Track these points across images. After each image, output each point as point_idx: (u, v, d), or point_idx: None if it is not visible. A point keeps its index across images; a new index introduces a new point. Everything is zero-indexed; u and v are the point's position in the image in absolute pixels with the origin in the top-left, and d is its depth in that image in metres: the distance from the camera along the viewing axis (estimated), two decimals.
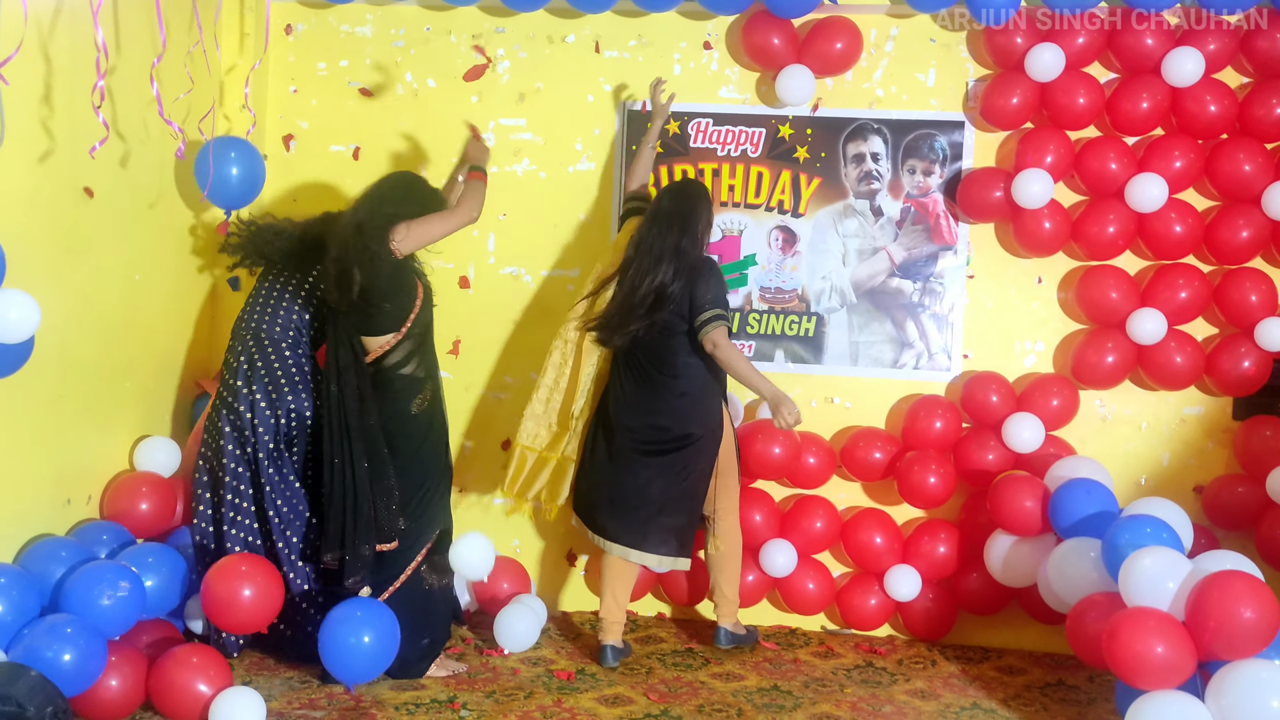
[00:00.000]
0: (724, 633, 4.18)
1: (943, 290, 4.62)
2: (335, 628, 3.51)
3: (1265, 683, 3.08)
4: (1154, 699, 3.18)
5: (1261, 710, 3.06)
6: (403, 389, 3.82)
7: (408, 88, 4.83)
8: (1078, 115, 4.36)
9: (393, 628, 3.58)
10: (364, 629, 3.51)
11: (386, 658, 3.58)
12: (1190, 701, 3.15)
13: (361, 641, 3.50)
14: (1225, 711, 3.10)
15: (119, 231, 3.97)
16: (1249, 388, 4.33)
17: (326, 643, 3.51)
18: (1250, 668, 3.12)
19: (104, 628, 3.23)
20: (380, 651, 3.54)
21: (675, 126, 4.71)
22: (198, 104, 4.35)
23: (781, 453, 4.36)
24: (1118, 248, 4.39)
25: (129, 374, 4.08)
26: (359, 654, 3.50)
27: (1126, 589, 3.37)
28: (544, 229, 4.78)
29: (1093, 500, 3.85)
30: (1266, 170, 4.25)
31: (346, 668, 3.51)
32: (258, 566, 3.57)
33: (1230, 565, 3.33)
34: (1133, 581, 3.35)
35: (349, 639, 3.50)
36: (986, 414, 4.43)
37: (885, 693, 3.89)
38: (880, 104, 4.63)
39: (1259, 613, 3.12)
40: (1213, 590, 3.18)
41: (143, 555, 3.61)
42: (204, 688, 3.29)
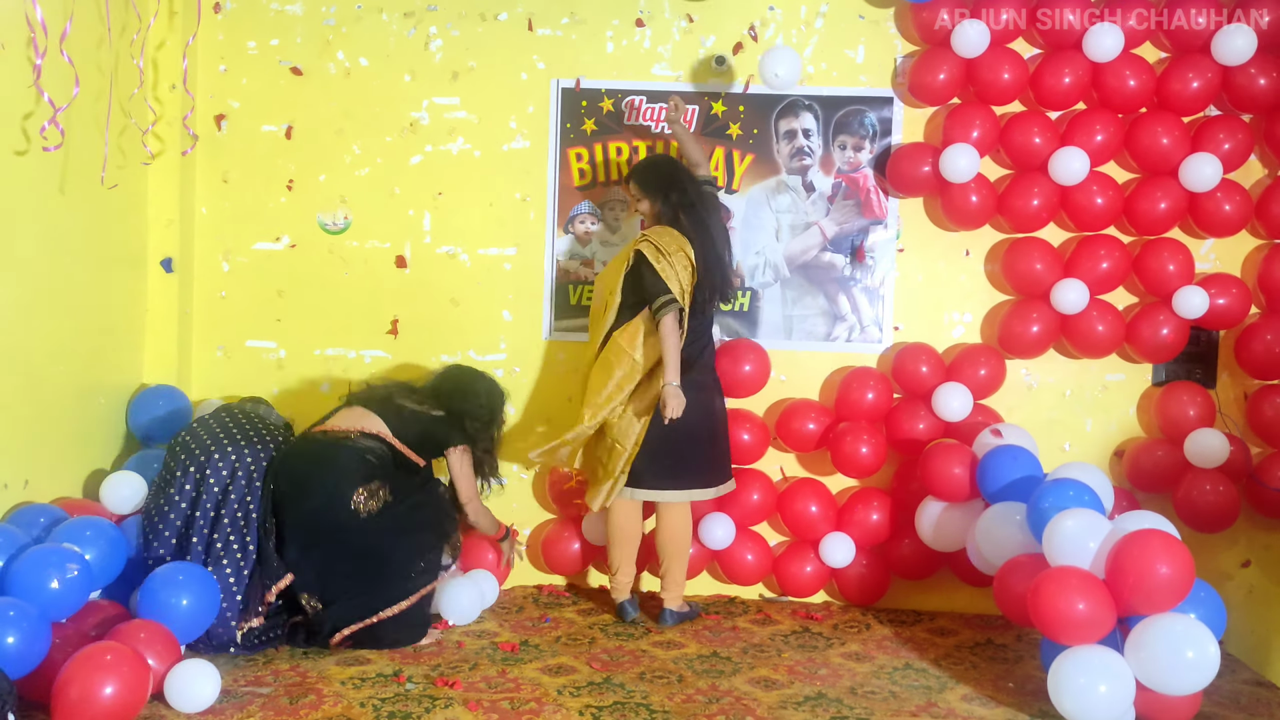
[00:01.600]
0: (669, 614, 4.28)
1: (874, 263, 4.71)
2: (157, 590, 3.54)
3: (1180, 635, 3.23)
4: (1076, 653, 3.32)
5: (1178, 661, 3.21)
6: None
7: (340, 66, 4.80)
8: (1002, 91, 4.46)
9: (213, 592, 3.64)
10: (184, 592, 3.55)
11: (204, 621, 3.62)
12: (1110, 654, 3.29)
13: (180, 604, 3.53)
14: (1144, 663, 3.24)
15: (46, 214, 3.91)
16: (1167, 354, 4.48)
17: (146, 603, 3.52)
18: (1166, 621, 3.27)
19: (51, 611, 3.22)
20: (200, 613, 3.58)
21: (609, 104, 4.73)
22: (128, 85, 4.30)
23: None
24: (1042, 220, 4.51)
25: (61, 357, 4.03)
26: (178, 614, 3.52)
27: (1050, 549, 3.50)
28: (480, 208, 4.79)
29: (1018, 466, 3.97)
30: (1183, 143, 4.38)
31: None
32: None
33: (1148, 525, 3.47)
34: (1055, 542, 3.48)
35: (170, 600, 3.52)
36: (917, 384, 4.54)
37: (821, 656, 4.00)
38: (811, 80, 4.70)
39: (1174, 569, 3.26)
40: (1131, 548, 3.31)
41: (80, 530, 3.59)
42: (152, 663, 3.27)
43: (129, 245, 4.50)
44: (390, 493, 3.97)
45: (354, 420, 4.06)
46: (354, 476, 3.90)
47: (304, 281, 4.83)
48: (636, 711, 3.40)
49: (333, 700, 3.43)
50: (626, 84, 4.73)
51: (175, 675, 3.30)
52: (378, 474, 3.95)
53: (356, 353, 4.83)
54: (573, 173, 4.76)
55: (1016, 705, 3.54)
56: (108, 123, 4.16)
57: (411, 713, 3.34)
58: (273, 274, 4.83)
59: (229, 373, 4.82)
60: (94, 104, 4.11)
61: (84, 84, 3.95)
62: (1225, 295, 4.39)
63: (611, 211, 4.76)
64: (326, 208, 4.82)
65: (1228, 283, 4.43)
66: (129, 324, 4.53)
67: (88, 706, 2.96)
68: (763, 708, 3.46)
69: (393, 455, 4.07)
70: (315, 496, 3.88)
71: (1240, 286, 4.44)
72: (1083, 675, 3.26)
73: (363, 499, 3.89)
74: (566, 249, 4.78)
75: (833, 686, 3.68)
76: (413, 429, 4.10)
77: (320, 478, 3.90)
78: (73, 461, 4.12)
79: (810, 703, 3.52)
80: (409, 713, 3.34)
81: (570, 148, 4.76)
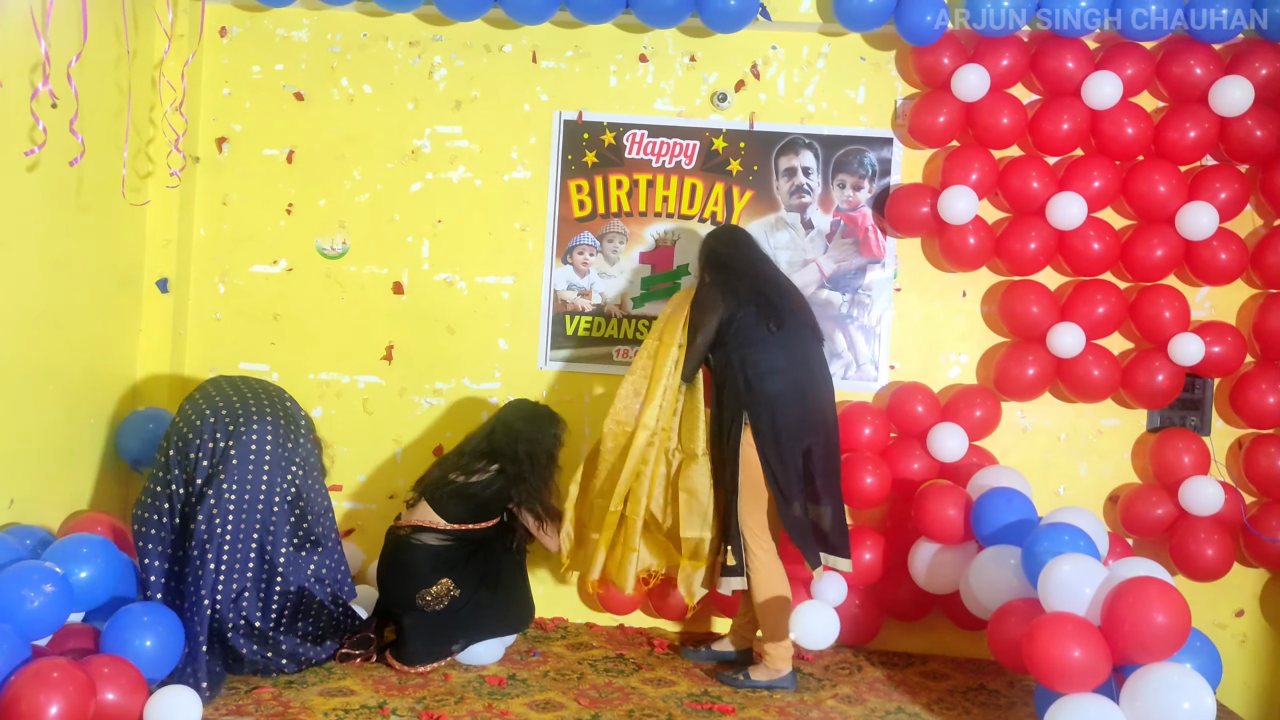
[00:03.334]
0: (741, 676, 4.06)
1: (870, 302, 4.72)
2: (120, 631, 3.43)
3: (1177, 685, 3.17)
4: (1071, 701, 3.27)
5: (1173, 711, 3.14)
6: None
7: (343, 93, 4.81)
8: (1001, 135, 4.49)
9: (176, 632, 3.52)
10: (148, 634, 3.43)
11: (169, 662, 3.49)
12: (1105, 704, 3.24)
13: (144, 646, 3.40)
14: (1139, 713, 3.19)
15: (44, 232, 3.89)
16: (1162, 401, 4.48)
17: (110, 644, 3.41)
18: (1163, 670, 3.22)
19: (27, 630, 3.17)
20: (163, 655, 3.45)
21: (610, 137, 4.75)
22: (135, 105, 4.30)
23: None
24: (1039, 264, 4.52)
25: (54, 375, 4.00)
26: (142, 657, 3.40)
27: (1045, 594, 3.46)
28: (479, 236, 4.79)
29: (1012, 509, 3.95)
30: (1180, 191, 4.41)
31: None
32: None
33: (1144, 572, 3.44)
34: (1051, 587, 3.44)
35: (134, 641, 3.40)
36: (912, 424, 4.53)
37: (813, 697, 3.95)
38: (811, 119, 4.72)
39: (1171, 617, 3.21)
40: (1127, 595, 3.27)
41: (75, 546, 3.52)
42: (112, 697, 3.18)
43: (125, 264, 4.49)
44: (456, 585, 4.06)
45: (412, 515, 4.16)
46: (417, 579, 4.03)
47: (300, 305, 4.81)
48: None
49: None
50: (629, 118, 4.75)
51: (155, 704, 3.25)
52: (441, 572, 4.04)
53: (350, 377, 4.81)
54: (573, 204, 4.77)
55: None
56: (126, 141, 4.17)
57: None
58: (269, 297, 4.82)
59: None
60: (102, 122, 4.10)
61: (95, 102, 3.96)
62: (1220, 343, 4.40)
63: (610, 243, 4.76)
64: (325, 232, 4.81)
65: (1223, 330, 4.44)
66: (122, 344, 4.50)
67: None
68: None
69: (455, 538, 4.11)
70: (387, 596, 4.13)
71: (1235, 335, 4.45)
72: None
73: (429, 599, 4.03)
74: (565, 279, 4.78)
75: None
76: (461, 508, 4.11)
77: (391, 581, 4.11)
78: (59, 482, 4.08)
79: None
80: None
81: (571, 179, 4.77)
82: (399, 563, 4.09)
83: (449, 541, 4.09)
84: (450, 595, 4.03)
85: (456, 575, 4.05)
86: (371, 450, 4.81)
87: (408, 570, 4.05)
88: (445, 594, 4.03)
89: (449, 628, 4.04)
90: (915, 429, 4.53)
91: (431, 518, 4.09)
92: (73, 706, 2.97)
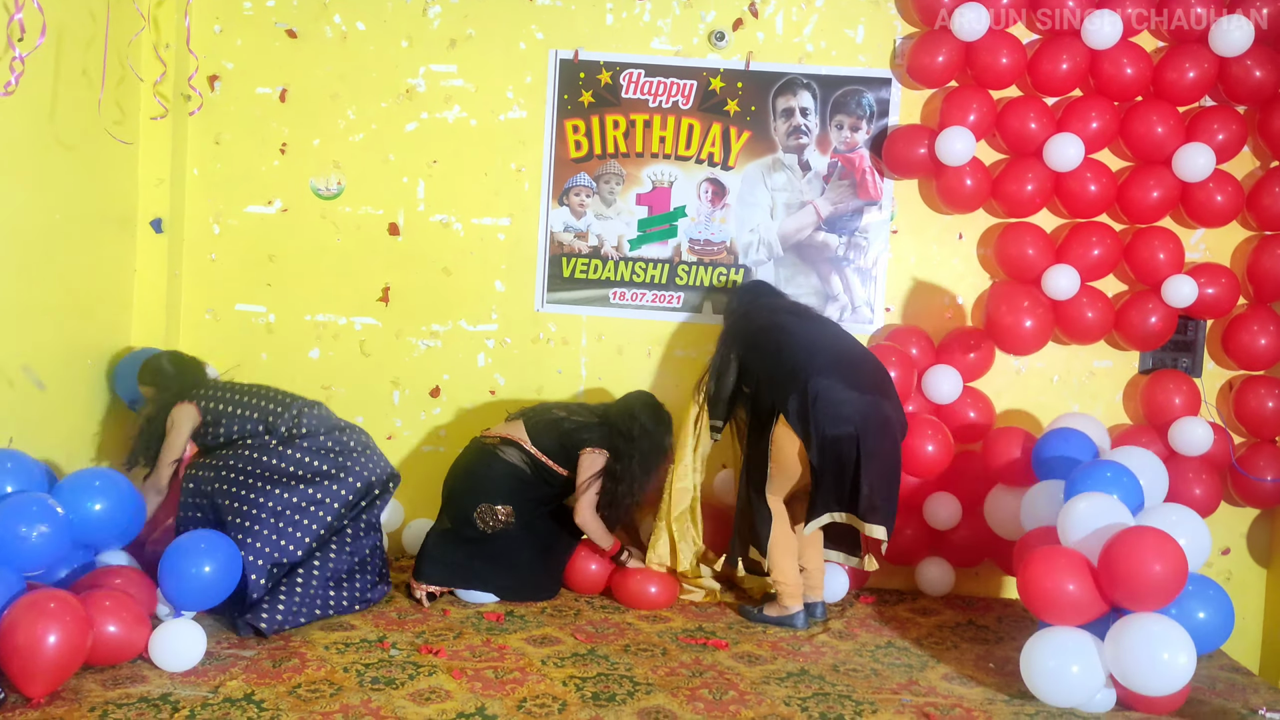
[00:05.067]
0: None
1: (867, 245, 4.72)
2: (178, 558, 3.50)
3: (1157, 635, 3.21)
4: (1052, 632, 3.36)
5: (1151, 659, 3.18)
6: None
7: (336, 30, 4.76)
8: (1000, 75, 4.46)
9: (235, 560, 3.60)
10: (205, 559, 3.51)
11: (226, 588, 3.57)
12: (1086, 638, 3.31)
13: (203, 571, 3.49)
14: (1120, 656, 3.25)
15: (36, 168, 3.87)
16: (1155, 343, 4.51)
17: (167, 571, 3.49)
18: (1147, 620, 3.25)
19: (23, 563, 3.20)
20: (219, 582, 3.53)
21: (607, 76, 4.72)
22: (121, 44, 4.25)
23: None
24: (1035, 205, 4.52)
25: (50, 315, 4.00)
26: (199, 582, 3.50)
27: (1061, 530, 3.52)
28: (475, 177, 4.77)
29: (1069, 446, 3.96)
30: (1178, 133, 4.39)
31: (185, 595, 3.50)
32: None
33: (1174, 518, 3.46)
34: (1066, 524, 3.50)
35: (190, 569, 3.49)
36: (907, 366, 4.55)
37: (805, 633, 4.02)
38: (810, 59, 4.69)
39: (1166, 567, 3.21)
40: (1124, 542, 3.29)
41: (88, 480, 3.54)
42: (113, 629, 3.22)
43: (119, 204, 4.47)
44: (514, 515, 4.11)
45: (504, 428, 4.21)
46: (486, 492, 4.10)
47: (295, 246, 4.81)
48: (620, 683, 3.41)
49: (316, 664, 3.43)
50: (625, 57, 4.71)
51: (160, 635, 3.30)
52: (506, 496, 4.09)
53: (347, 319, 4.82)
54: (569, 145, 4.74)
55: (997, 686, 3.57)
56: (103, 77, 4.11)
57: (395, 679, 3.35)
58: (264, 238, 4.81)
59: (218, 336, 4.80)
60: (84, 53, 4.05)
61: (75, 32, 3.90)
62: (1214, 285, 4.42)
63: (607, 184, 4.75)
64: (320, 173, 4.79)
65: (1217, 273, 4.46)
66: (117, 284, 4.49)
67: (33, 653, 2.95)
68: (745, 682, 3.48)
69: (533, 466, 4.15)
70: (451, 503, 4.17)
71: (1229, 277, 4.47)
72: (1052, 657, 3.31)
73: (485, 516, 4.09)
74: (561, 221, 4.77)
75: (815, 663, 3.70)
76: (550, 436, 4.15)
77: (461, 488, 4.16)
78: (57, 421, 4.10)
79: (793, 679, 3.54)
80: (392, 679, 3.35)
81: (567, 119, 4.74)
82: (474, 470, 4.15)
83: (526, 467, 4.14)
84: (506, 524, 4.09)
85: (519, 508, 4.11)
86: (369, 391, 4.83)
87: (481, 478, 4.11)
88: (503, 521, 4.08)
89: (475, 558, 4.10)
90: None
91: (521, 435, 4.15)
92: (70, 638, 3.01)
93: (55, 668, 3.00)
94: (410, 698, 3.22)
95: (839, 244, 4.72)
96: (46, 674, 2.98)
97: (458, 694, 3.26)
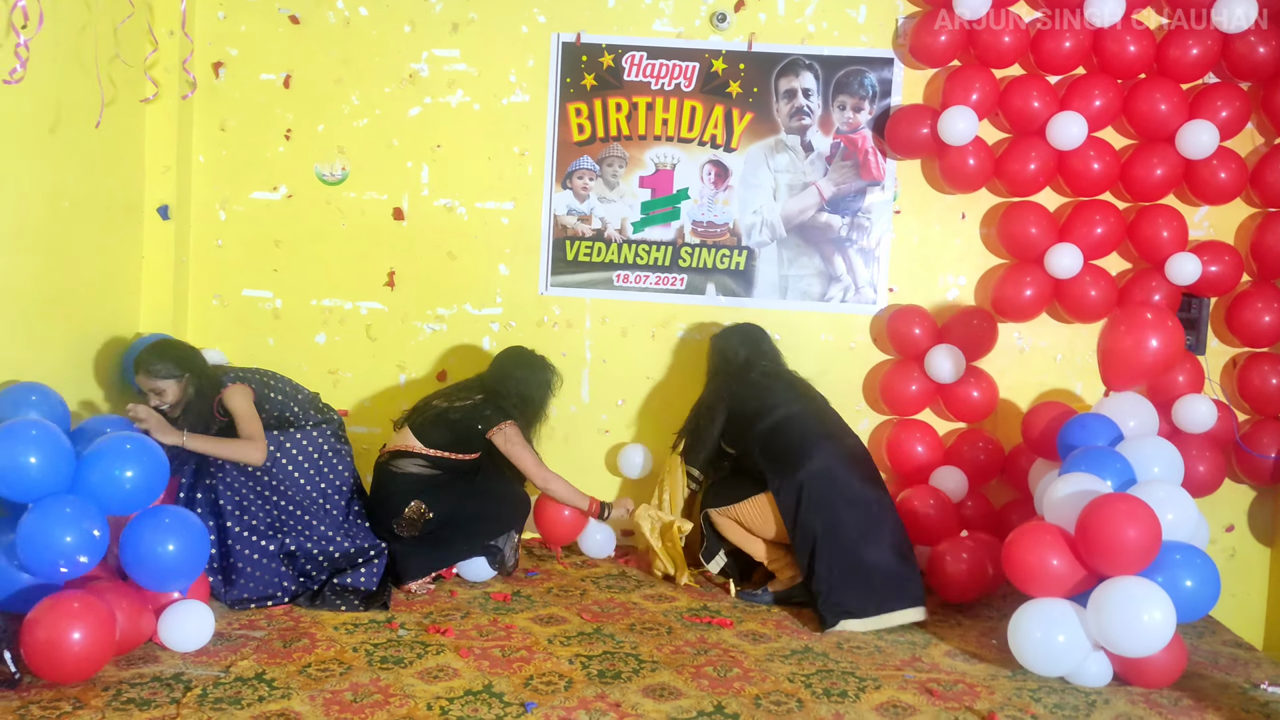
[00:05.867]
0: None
1: (870, 225, 4.73)
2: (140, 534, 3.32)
3: (1135, 596, 3.23)
4: (1036, 603, 3.42)
5: (1130, 619, 3.21)
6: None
7: (339, 15, 4.77)
8: (1003, 54, 4.46)
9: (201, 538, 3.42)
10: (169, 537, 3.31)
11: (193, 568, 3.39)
12: (1068, 607, 3.36)
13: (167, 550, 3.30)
14: (1100, 619, 3.28)
15: (42, 156, 3.90)
16: None
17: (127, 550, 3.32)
18: (1124, 581, 3.28)
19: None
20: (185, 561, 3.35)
21: (609, 59, 4.72)
22: (133, 30, 4.27)
23: None
24: (1038, 184, 4.52)
25: (59, 302, 4.03)
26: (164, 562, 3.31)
27: (1044, 506, 3.57)
28: (478, 161, 4.79)
29: (1087, 433, 3.93)
30: (1181, 110, 4.39)
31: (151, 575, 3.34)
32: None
33: (1161, 494, 3.48)
34: (1045, 502, 3.55)
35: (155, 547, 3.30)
36: (910, 346, 4.57)
37: (809, 611, 4.04)
38: (812, 39, 4.69)
39: (1140, 532, 3.25)
40: (1099, 510, 3.32)
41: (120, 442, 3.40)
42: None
43: (125, 191, 4.49)
44: (429, 507, 4.10)
45: (395, 440, 4.21)
46: (390, 508, 4.10)
47: (301, 232, 4.83)
48: (625, 661, 3.45)
49: (325, 644, 3.47)
50: (628, 39, 4.71)
51: (170, 615, 3.35)
52: (413, 495, 4.09)
53: (353, 304, 4.85)
54: (572, 128, 4.75)
55: (1000, 662, 3.60)
56: (95, 55, 4.12)
57: (403, 658, 3.39)
58: (270, 223, 4.83)
59: (225, 322, 4.83)
60: (78, 38, 4.07)
61: (70, 20, 3.92)
62: (1218, 262, 4.42)
63: (610, 167, 4.76)
64: (324, 158, 4.81)
65: (1220, 250, 4.46)
66: (125, 271, 4.52)
67: (57, 652, 2.98)
68: (750, 660, 3.52)
69: (435, 464, 4.15)
70: (374, 525, 4.13)
71: (1233, 254, 4.47)
72: (1039, 627, 3.37)
73: (403, 525, 4.09)
74: (565, 204, 4.79)
75: (819, 641, 3.73)
76: (440, 431, 4.15)
77: (374, 511, 4.14)
78: (69, 407, 4.13)
79: (797, 656, 3.58)
80: (401, 658, 3.39)
81: (570, 103, 4.75)
82: (377, 491, 4.16)
83: (429, 469, 4.14)
84: (424, 518, 4.09)
85: (429, 499, 4.10)
86: (375, 376, 4.87)
87: (383, 498, 4.12)
88: (418, 517, 4.09)
89: (437, 547, 4.11)
90: (913, 351, 4.57)
91: (410, 442, 4.14)
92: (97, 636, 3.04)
93: (84, 665, 3.03)
94: (419, 676, 3.26)
95: (842, 225, 4.73)
96: (75, 673, 3.03)
97: (465, 672, 3.30)
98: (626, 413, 4.83)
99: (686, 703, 3.15)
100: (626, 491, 4.80)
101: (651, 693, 3.21)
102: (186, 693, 3.06)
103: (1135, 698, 3.35)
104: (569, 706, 3.09)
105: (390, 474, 4.14)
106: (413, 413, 4.25)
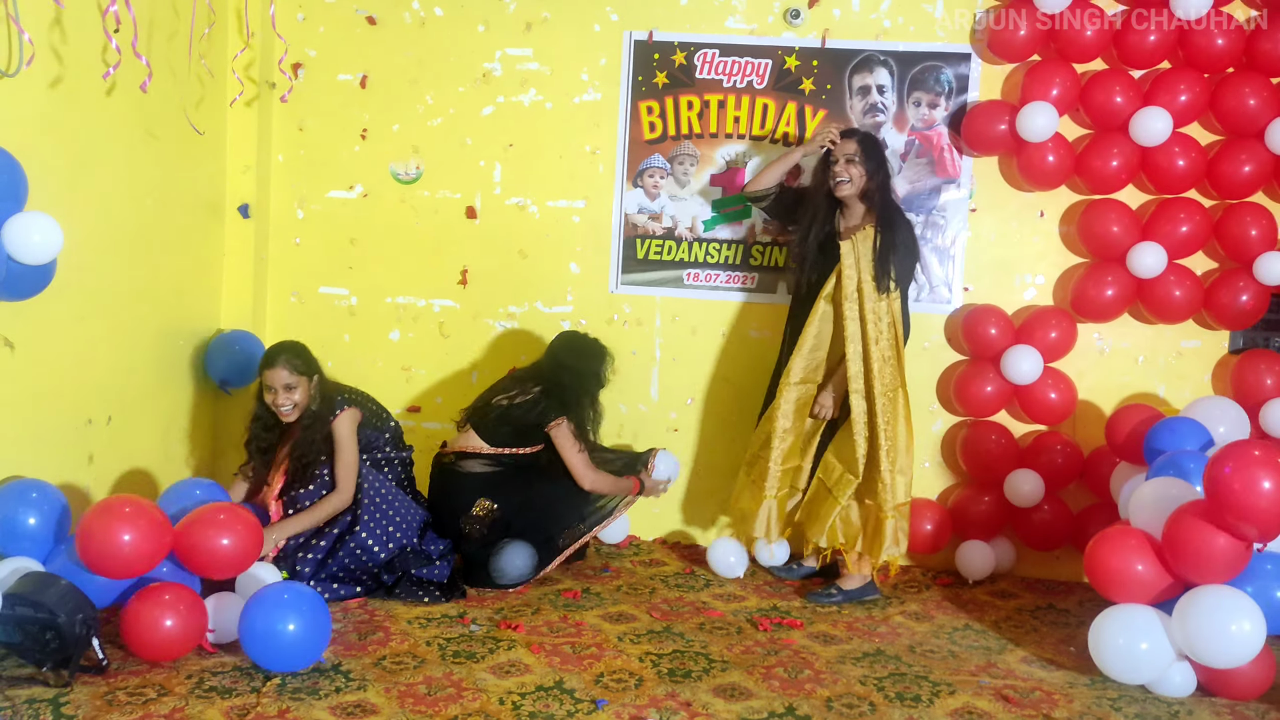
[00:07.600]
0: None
1: (945, 223, 4.66)
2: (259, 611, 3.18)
3: (1223, 606, 3.15)
4: (1119, 609, 3.34)
5: (1217, 630, 3.13)
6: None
7: (415, 16, 4.83)
8: (1085, 48, 4.36)
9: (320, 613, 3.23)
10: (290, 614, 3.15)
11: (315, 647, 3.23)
12: (1153, 614, 3.28)
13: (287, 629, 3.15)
14: (1186, 628, 3.19)
15: (129, 157, 4.00)
16: (1246, 321, 4.39)
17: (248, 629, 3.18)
18: (1212, 590, 3.20)
19: None
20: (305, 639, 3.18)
21: (681, 57, 4.71)
22: (216, 34, 4.37)
23: None
24: (1120, 181, 4.41)
25: (146, 298, 4.15)
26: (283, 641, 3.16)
27: (1129, 514, 3.48)
28: (550, 160, 4.81)
29: (1177, 437, 3.86)
30: (1271, 105, 4.25)
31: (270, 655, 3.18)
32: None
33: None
34: (1131, 507, 3.47)
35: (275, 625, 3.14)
36: (985, 346, 4.50)
37: (880, 614, 4.01)
38: (887, 35, 4.63)
39: (1229, 540, 3.16)
40: (1185, 516, 3.25)
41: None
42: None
43: (208, 190, 4.60)
44: (495, 502, 4.15)
45: (459, 441, 4.26)
46: (460, 510, 4.16)
47: (376, 230, 4.90)
48: (695, 660, 3.44)
49: (400, 638, 3.52)
50: (700, 37, 4.70)
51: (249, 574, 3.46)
52: (482, 493, 4.15)
53: (426, 301, 4.90)
54: (643, 126, 4.76)
55: (1078, 669, 3.53)
56: (189, 58, 4.22)
57: (475, 653, 3.42)
58: (345, 222, 4.91)
59: (302, 318, 4.92)
60: (167, 45, 4.17)
61: (161, 27, 4.02)
62: None
63: (681, 165, 4.75)
64: (399, 157, 4.87)
65: None
66: (207, 268, 4.63)
67: (152, 636, 3.14)
68: (820, 661, 3.49)
69: (500, 461, 4.21)
70: (438, 526, 4.18)
71: None
72: (1121, 634, 3.29)
73: (474, 524, 4.14)
74: (635, 203, 4.79)
75: (891, 644, 3.69)
76: (504, 429, 4.20)
77: (439, 511, 4.21)
78: (154, 400, 4.25)
79: (869, 659, 3.54)
80: (473, 653, 3.42)
81: (641, 101, 4.75)
82: (444, 491, 4.22)
83: (494, 467, 4.20)
84: (492, 515, 4.14)
85: (495, 495, 4.15)
86: (448, 373, 4.92)
87: (453, 498, 4.17)
88: (487, 515, 4.14)
89: (538, 542, 4.17)
90: (989, 352, 4.49)
91: (476, 443, 4.20)
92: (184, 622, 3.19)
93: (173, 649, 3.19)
94: (490, 670, 3.29)
95: (916, 223, 4.66)
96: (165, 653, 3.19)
97: (536, 668, 3.32)
98: (695, 411, 4.82)
99: (757, 703, 3.14)
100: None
101: (722, 692, 3.20)
102: (266, 682, 3.12)
103: (1220, 709, 3.26)
104: (639, 704, 3.09)
105: (455, 474, 4.20)
106: (474, 412, 4.29)
